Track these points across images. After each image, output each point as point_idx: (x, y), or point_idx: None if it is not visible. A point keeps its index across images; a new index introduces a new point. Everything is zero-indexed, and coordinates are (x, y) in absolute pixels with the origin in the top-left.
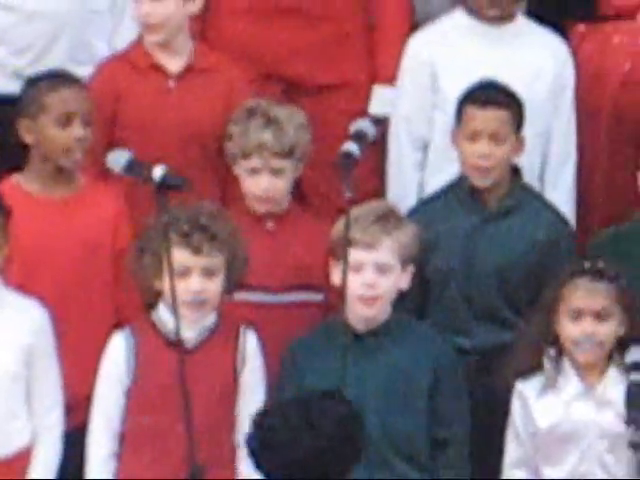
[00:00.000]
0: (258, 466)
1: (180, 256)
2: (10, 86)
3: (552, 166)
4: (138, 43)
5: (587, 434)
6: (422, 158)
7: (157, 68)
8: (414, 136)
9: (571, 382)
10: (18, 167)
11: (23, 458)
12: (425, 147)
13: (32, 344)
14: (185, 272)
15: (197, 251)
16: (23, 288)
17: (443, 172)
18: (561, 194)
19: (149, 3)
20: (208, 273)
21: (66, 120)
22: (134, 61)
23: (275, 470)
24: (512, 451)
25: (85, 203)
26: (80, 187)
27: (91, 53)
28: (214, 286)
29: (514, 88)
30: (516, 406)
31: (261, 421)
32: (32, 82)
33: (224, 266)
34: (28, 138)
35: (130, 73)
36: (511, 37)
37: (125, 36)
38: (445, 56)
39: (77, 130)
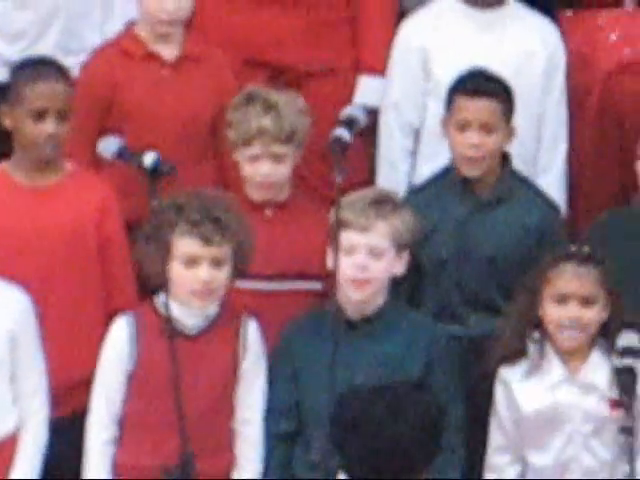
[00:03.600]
0: (339, 449)
1: (189, 245)
2: (2, 73)
3: (544, 149)
4: (129, 32)
5: (572, 418)
6: (412, 145)
7: (152, 57)
8: (404, 123)
9: (554, 367)
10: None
11: (10, 444)
12: (415, 134)
13: (15, 330)
14: (194, 261)
15: (207, 241)
16: (6, 275)
17: (436, 159)
18: (553, 177)
19: None
20: (217, 263)
21: (39, 115)
22: (128, 50)
23: (356, 454)
24: (495, 437)
25: (70, 191)
26: (66, 175)
27: (82, 42)
28: (222, 275)
29: (506, 72)
30: (499, 392)
31: (345, 406)
32: (17, 69)
33: (231, 255)
34: (8, 124)
35: (124, 62)
36: (502, 21)
37: (116, 26)
38: (436, 42)
39: (49, 126)
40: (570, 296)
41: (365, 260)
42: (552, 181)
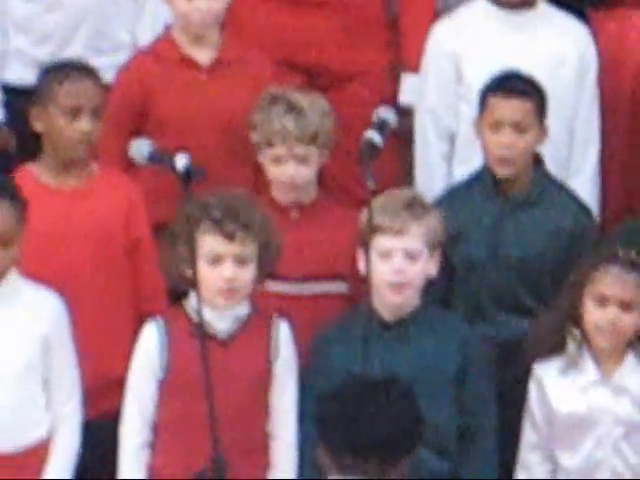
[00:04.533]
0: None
1: (212, 243)
2: (32, 76)
3: (576, 152)
4: (165, 36)
5: (603, 421)
6: (449, 149)
7: (188, 61)
8: (440, 127)
9: (588, 369)
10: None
11: (42, 448)
12: (451, 138)
13: (49, 334)
14: (217, 259)
15: (230, 238)
16: (35, 277)
17: (470, 163)
18: (584, 180)
19: None
20: (241, 261)
21: (74, 113)
22: (163, 55)
23: (339, 446)
24: (527, 434)
25: (97, 192)
26: (93, 177)
27: (112, 42)
28: (246, 274)
29: (538, 74)
30: (533, 390)
31: (324, 402)
32: (47, 71)
33: (256, 255)
34: (38, 126)
35: (160, 67)
36: (533, 23)
37: (147, 25)
38: (468, 45)
39: (84, 124)
40: (610, 299)
41: (402, 264)
42: (583, 183)
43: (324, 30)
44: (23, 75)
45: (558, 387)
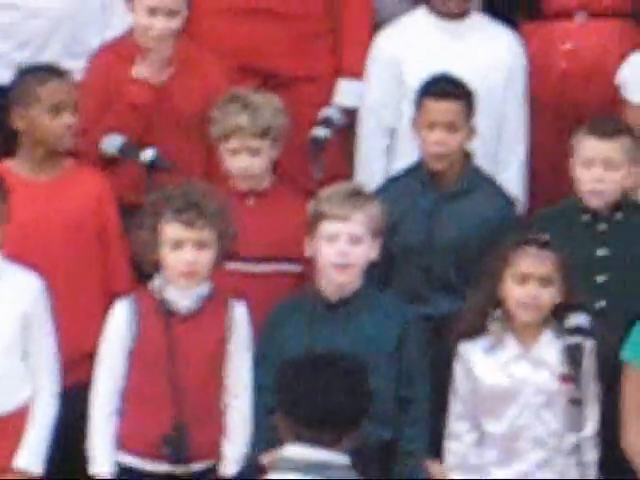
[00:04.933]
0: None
1: (174, 230)
2: (9, 77)
3: (504, 148)
4: (126, 36)
5: (524, 391)
6: (388, 143)
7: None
8: (382, 125)
9: (510, 345)
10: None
11: (22, 415)
12: (391, 133)
13: (29, 312)
14: (179, 244)
15: (189, 225)
16: (16, 260)
17: (409, 157)
18: (512, 174)
19: (165, 19)
20: (200, 245)
21: (57, 109)
22: (124, 53)
23: (295, 415)
24: (454, 406)
25: (70, 184)
26: (66, 170)
27: (85, 47)
28: (205, 257)
29: (472, 78)
30: (458, 368)
31: (281, 375)
32: (23, 74)
33: (215, 240)
34: (20, 125)
35: (119, 64)
36: (468, 32)
37: (116, 32)
38: (409, 51)
39: (67, 118)
40: (530, 276)
41: (346, 247)
42: (511, 177)
43: (275, 39)
44: (6, 76)
45: (482, 364)
